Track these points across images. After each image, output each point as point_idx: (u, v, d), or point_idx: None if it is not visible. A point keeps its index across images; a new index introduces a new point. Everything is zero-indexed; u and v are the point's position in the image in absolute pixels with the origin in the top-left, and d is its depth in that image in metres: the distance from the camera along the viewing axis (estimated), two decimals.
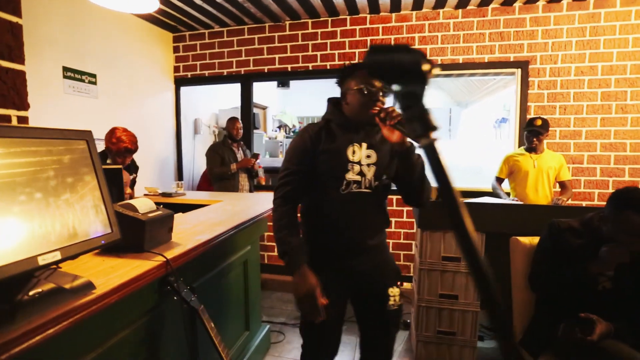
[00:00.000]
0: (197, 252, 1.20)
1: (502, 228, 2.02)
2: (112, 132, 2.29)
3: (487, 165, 3.53)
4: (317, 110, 7.01)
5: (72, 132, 0.82)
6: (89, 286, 0.81)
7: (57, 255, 0.72)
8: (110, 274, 0.90)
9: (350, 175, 1.28)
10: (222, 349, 1.22)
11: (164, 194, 2.38)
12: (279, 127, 6.29)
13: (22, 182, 0.69)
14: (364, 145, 1.31)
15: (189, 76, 3.78)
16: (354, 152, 1.29)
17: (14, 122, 0.88)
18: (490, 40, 3.10)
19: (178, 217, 1.66)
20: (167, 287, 1.20)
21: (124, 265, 0.97)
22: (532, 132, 2.65)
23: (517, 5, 3.03)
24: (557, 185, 2.80)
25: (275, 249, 3.29)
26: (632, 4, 2.85)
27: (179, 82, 3.81)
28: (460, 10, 3.12)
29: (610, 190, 3.00)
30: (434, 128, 0.29)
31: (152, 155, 3.47)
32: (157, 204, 2.23)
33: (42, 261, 0.69)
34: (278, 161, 4.70)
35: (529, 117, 3.05)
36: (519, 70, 3.09)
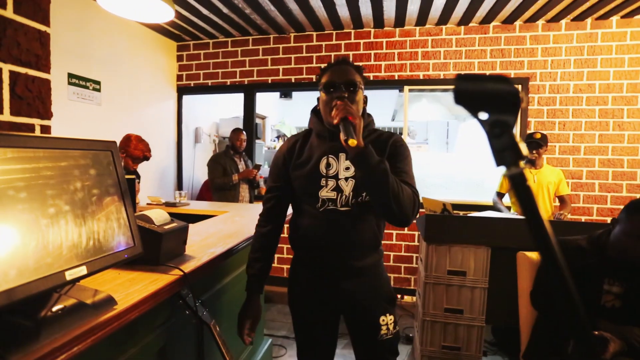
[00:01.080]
0: (212, 266, 1.18)
1: (507, 242, 2.03)
2: (128, 138, 2.43)
3: (487, 178, 3.56)
4: None
5: (98, 142, 0.81)
6: (110, 301, 0.79)
7: (84, 270, 0.70)
8: (129, 288, 0.88)
9: (325, 193, 1.14)
10: None
11: (168, 204, 2.35)
12: (278, 137, 6.30)
13: (51, 194, 0.67)
14: (343, 156, 1.13)
15: (192, 85, 3.78)
16: (328, 165, 1.14)
17: (37, 131, 0.87)
18: (492, 56, 3.16)
19: (190, 229, 1.64)
20: (179, 301, 1.17)
21: (142, 279, 0.94)
22: (532, 144, 2.69)
23: (517, 23, 3.11)
24: (557, 199, 2.83)
25: (276, 261, 3.22)
26: (627, 26, 2.94)
27: (182, 91, 3.81)
28: (462, 27, 3.19)
29: (609, 205, 3.05)
30: (523, 157, 0.29)
31: (152, 163, 3.43)
32: None
33: (69, 276, 0.67)
34: None
35: (529, 132, 3.10)
36: (520, 86, 3.15)
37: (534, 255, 1.81)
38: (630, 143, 3.00)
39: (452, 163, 4.64)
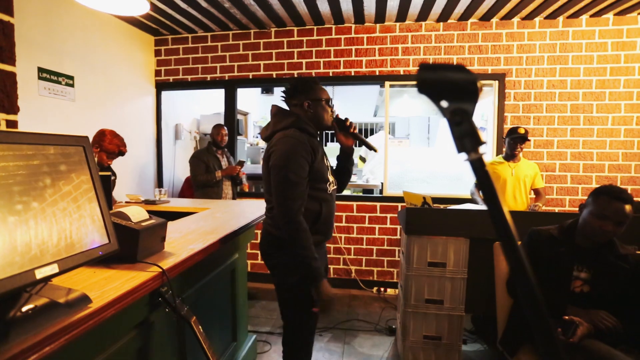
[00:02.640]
0: (191, 263, 1.17)
1: (485, 233, 2.09)
2: (102, 133, 2.35)
3: (466, 172, 3.65)
4: None
5: (69, 138, 0.78)
6: (84, 300, 0.77)
7: (55, 268, 0.68)
8: (105, 286, 0.86)
9: (330, 178, 1.52)
10: None
11: (147, 202, 2.30)
12: (260, 134, 6.25)
13: (18, 191, 0.65)
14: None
15: (171, 80, 3.70)
16: (325, 157, 1.54)
17: (3, 126, 0.84)
18: (470, 53, 3.23)
19: (168, 226, 1.61)
20: (158, 299, 1.16)
21: (119, 277, 0.93)
22: (517, 139, 2.74)
23: (494, 20, 3.18)
24: (532, 192, 2.93)
25: (259, 257, 3.20)
26: (595, 25, 3.06)
27: (160, 87, 3.72)
28: (441, 23, 3.24)
29: (580, 196, 3.18)
30: (482, 143, 0.31)
31: (131, 161, 3.35)
32: None
33: (39, 275, 0.65)
34: (259, 167, 4.66)
35: (506, 126, 3.19)
36: (497, 82, 3.23)
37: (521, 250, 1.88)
38: (599, 137, 3.13)
39: (433, 158, 4.72)
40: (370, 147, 1.58)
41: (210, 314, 1.71)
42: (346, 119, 1.54)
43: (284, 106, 1.55)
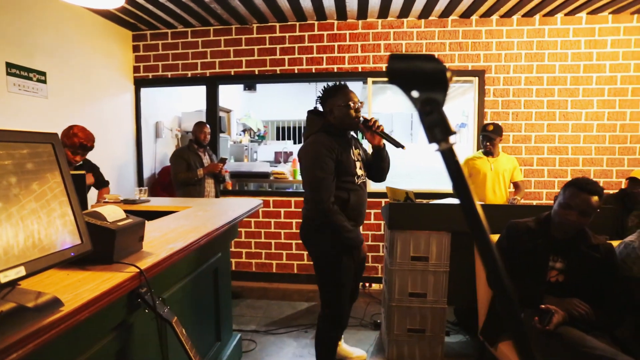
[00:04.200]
0: (171, 262, 1.14)
1: (466, 227, 2.13)
2: (69, 128, 2.26)
3: None
4: (283, 114, 6.98)
5: (37, 135, 0.75)
6: (56, 303, 0.74)
7: (22, 271, 0.65)
8: (78, 289, 0.83)
9: (359, 172, 1.81)
10: None
11: (127, 201, 2.24)
12: (244, 131, 6.18)
13: None
14: (353, 147, 1.83)
15: (150, 77, 3.60)
16: (352, 153, 1.80)
17: None
18: (451, 49, 3.28)
19: (147, 225, 1.57)
20: (137, 300, 1.13)
21: (94, 279, 0.90)
22: (485, 137, 2.85)
23: (474, 18, 3.23)
24: (512, 185, 3.01)
25: (244, 255, 3.26)
26: (570, 23, 3.16)
27: (139, 83, 3.62)
28: (422, 20, 3.27)
29: (556, 189, 3.29)
30: (452, 133, 0.31)
31: (109, 160, 3.25)
32: None
33: (4, 278, 0.62)
34: (244, 165, 4.61)
35: (485, 122, 3.25)
36: (477, 78, 3.29)
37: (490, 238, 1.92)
38: (574, 132, 3.23)
39: (417, 153, 4.79)
40: (397, 145, 1.73)
41: (193, 314, 1.68)
42: (371, 119, 1.76)
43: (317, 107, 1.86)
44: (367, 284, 3.42)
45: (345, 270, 1.76)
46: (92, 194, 2.58)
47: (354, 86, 5.48)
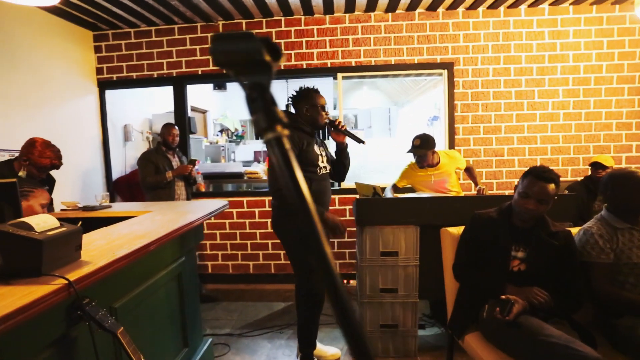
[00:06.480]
0: (110, 270, 1.09)
1: (434, 220, 2.13)
2: (32, 144, 2.14)
3: None
4: None
5: None
6: None
7: None
8: None
9: (321, 164, 2.01)
10: None
11: (86, 208, 2.15)
12: (221, 131, 6.08)
13: None
14: (317, 143, 2.04)
15: (115, 78, 3.49)
16: (317, 148, 2.01)
17: None
18: (419, 42, 3.28)
19: (96, 232, 1.51)
20: (77, 312, 1.07)
21: (12, 294, 0.84)
22: (413, 154, 2.65)
23: (440, 10, 3.24)
24: (462, 174, 2.93)
25: (220, 258, 3.23)
26: (533, 14, 3.20)
27: (103, 85, 3.50)
28: (390, 14, 3.26)
29: None
30: (279, 121, 0.27)
31: (72, 167, 3.12)
32: (77, 219, 2.02)
33: None
34: (220, 166, 4.52)
35: (456, 114, 3.27)
36: (445, 71, 3.31)
37: (454, 230, 1.92)
38: (541, 121, 3.29)
39: (394, 148, 4.79)
40: (358, 141, 2.02)
41: (152, 322, 1.62)
42: (336, 119, 2.01)
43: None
44: (345, 281, 3.40)
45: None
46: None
47: (329, 82, 5.44)
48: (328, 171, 2.09)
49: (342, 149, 2.10)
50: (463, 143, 3.34)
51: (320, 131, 2.08)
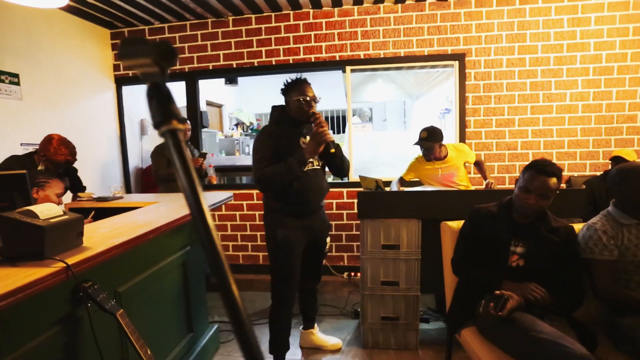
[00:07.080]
0: (108, 256, 1.16)
1: (436, 214, 2.11)
2: (49, 140, 2.23)
3: None
4: None
5: None
6: None
7: None
8: None
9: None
10: (142, 352, 1.19)
11: (100, 199, 2.27)
12: (237, 125, 6.18)
13: None
14: (308, 137, 1.87)
15: (131, 75, 3.62)
16: (304, 143, 1.87)
17: None
18: (429, 34, 3.21)
19: (101, 222, 1.60)
20: (79, 293, 1.15)
21: (14, 275, 0.92)
22: (420, 147, 2.62)
23: (452, 0, 3.15)
24: (473, 168, 2.86)
25: (231, 249, 3.28)
26: (552, 1, 3.06)
27: (120, 81, 3.64)
28: (399, 5, 3.21)
29: None
30: (175, 116, 0.30)
31: (92, 160, 3.29)
32: (91, 209, 2.14)
33: None
34: (235, 159, 4.62)
35: (467, 107, 3.20)
36: (457, 62, 3.23)
37: (455, 224, 1.90)
38: (558, 113, 3.16)
39: (408, 141, 4.73)
40: (328, 146, 1.82)
41: (158, 307, 1.71)
42: (316, 113, 1.82)
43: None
44: (352, 274, 3.43)
45: (288, 255, 1.91)
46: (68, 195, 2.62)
47: (336, 77, 5.37)
48: (319, 166, 1.95)
49: (325, 154, 1.84)
50: (474, 136, 3.26)
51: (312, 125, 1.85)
